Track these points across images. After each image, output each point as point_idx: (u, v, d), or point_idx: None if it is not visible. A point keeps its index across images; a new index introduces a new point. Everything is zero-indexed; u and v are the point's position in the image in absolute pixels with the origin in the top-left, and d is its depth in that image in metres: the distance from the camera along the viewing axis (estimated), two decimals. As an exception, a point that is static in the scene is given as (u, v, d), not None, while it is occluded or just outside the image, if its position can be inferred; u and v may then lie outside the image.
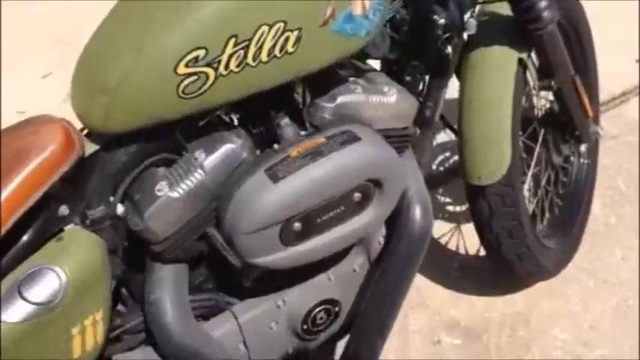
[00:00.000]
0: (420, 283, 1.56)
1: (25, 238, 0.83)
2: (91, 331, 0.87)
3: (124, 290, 1.00)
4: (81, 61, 0.86)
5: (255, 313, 1.04)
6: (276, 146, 0.92)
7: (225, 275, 1.04)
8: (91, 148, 0.86)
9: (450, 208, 1.72)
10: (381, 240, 1.12)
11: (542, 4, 1.14)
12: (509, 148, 1.21)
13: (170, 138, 0.89)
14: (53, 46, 2.20)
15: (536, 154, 1.41)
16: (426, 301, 1.54)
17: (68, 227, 0.86)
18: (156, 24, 0.80)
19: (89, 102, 0.84)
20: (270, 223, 0.88)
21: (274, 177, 0.87)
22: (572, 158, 1.56)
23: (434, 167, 1.77)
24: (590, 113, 1.39)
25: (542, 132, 1.42)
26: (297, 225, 0.91)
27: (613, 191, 1.77)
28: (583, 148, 1.47)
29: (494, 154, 1.21)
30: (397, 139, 1.04)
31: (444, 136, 1.68)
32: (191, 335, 0.96)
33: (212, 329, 1.01)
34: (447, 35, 1.05)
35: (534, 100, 1.42)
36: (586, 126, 1.42)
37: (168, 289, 0.95)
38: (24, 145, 0.82)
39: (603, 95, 1.76)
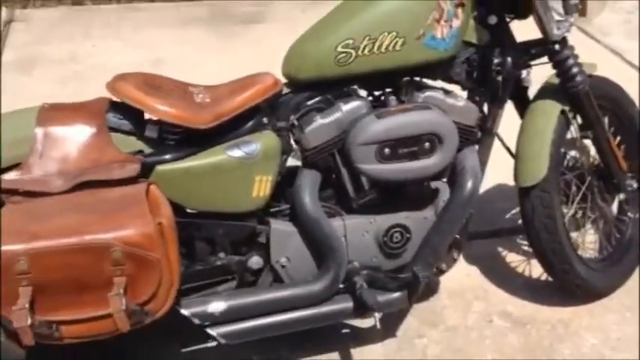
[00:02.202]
0: (488, 286, 2.07)
1: (243, 126, 1.57)
2: (264, 184, 1.56)
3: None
4: (295, 42, 1.62)
5: (356, 222, 1.67)
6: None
7: (342, 195, 1.69)
8: (286, 89, 1.62)
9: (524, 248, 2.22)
10: (445, 202, 1.73)
11: (575, 70, 1.76)
12: (546, 163, 1.76)
13: (327, 90, 1.62)
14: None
15: (581, 192, 1.93)
16: (489, 296, 2.03)
17: (265, 130, 1.59)
18: (335, 22, 1.57)
19: (290, 62, 1.60)
20: (371, 142, 1.55)
21: (379, 116, 1.56)
22: (629, 214, 2.05)
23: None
24: (624, 165, 1.91)
25: (588, 178, 1.95)
26: (387, 150, 1.57)
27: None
28: (622, 196, 1.97)
29: (535, 165, 1.77)
30: (464, 133, 1.68)
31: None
32: (316, 210, 1.61)
33: (327, 221, 1.66)
34: (501, 75, 1.70)
35: (584, 153, 1.96)
36: (622, 177, 1.94)
37: (307, 181, 1.62)
38: (254, 79, 1.59)
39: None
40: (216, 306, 1.56)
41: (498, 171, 1.96)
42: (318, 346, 1.83)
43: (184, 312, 1.54)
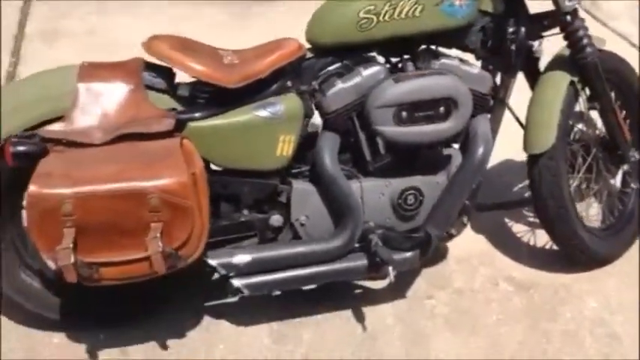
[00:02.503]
0: (494, 253, 2.17)
1: (268, 88, 1.66)
2: (287, 144, 1.66)
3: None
4: (319, 8, 1.70)
5: (372, 184, 1.77)
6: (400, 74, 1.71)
7: (359, 158, 1.78)
8: (309, 54, 1.71)
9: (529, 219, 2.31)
10: (457, 167, 1.82)
11: (585, 41, 1.84)
12: (555, 132, 1.84)
13: (348, 56, 1.71)
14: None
15: (587, 162, 2.03)
16: (495, 263, 2.13)
17: (290, 93, 1.68)
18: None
19: (314, 28, 1.69)
20: (389, 104, 1.65)
21: (397, 80, 1.65)
22: (632, 185, 2.14)
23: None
24: (629, 137, 2.01)
25: (594, 149, 2.04)
26: (404, 113, 1.66)
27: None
28: (625, 167, 2.06)
29: (543, 134, 1.86)
30: (478, 100, 1.77)
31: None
32: (335, 171, 1.70)
33: (345, 182, 1.75)
34: (514, 44, 1.79)
35: (591, 126, 2.05)
36: (627, 148, 2.03)
37: (328, 144, 1.72)
38: (280, 44, 1.67)
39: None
40: (241, 258, 1.67)
41: (507, 146, 2.06)
42: (333, 305, 1.92)
43: (212, 262, 1.64)
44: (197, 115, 1.58)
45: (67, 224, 1.38)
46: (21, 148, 1.44)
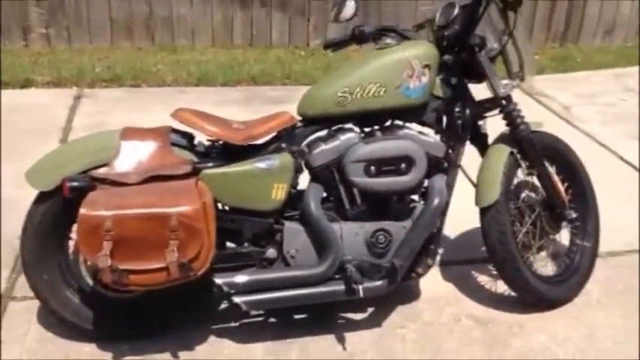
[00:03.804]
0: (459, 295, 2.54)
1: (266, 148, 2.14)
2: (280, 190, 2.11)
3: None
4: (308, 90, 2.22)
5: (349, 226, 2.20)
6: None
7: (339, 206, 2.23)
8: (299, 124, 2.20)
9: (491, 272, 2.68)
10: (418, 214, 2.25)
11: (518, 120, 2.32)
12: (498, 190, 2.27)
13: (329, 125, 2.20)
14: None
15: (532, 218, 2.44)
16: (459, 303, 2.48)
17: (283, 152, 2.16)
18: (336, 76, 2.16)
19: (303, 104, 2.19)
20: (360, 159, 2.11)
21: (367, 142, 2.14)
22: (577, 241, 2.54)
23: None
24: (565, 199, 2.44)
25: (537, 209, 2.46)
26: (372, 167, 2.12)
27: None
28: (563, 224, 2.48)
29: (489, 191, 2.28)
30: (434, 162, 2.23)
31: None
32: (319, 214, 2.14)
33: (327, 224, 2.19)
34: (461, 121, 2.27)
35: (535, 191, 2.48)
36: (564, 208, 2.45)
37: (313, 192, 2.17)
38: (277, 115, 2.17)
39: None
40: (241, 278, 2.08)
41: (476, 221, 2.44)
42: (318, 329, 2.29)
43: (218, 281, 2.06)
44: (210, 164, 2.06)
45: (106, 238, 1.82)
46: (75, 184, 1.92)
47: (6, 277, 2.51)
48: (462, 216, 2.51)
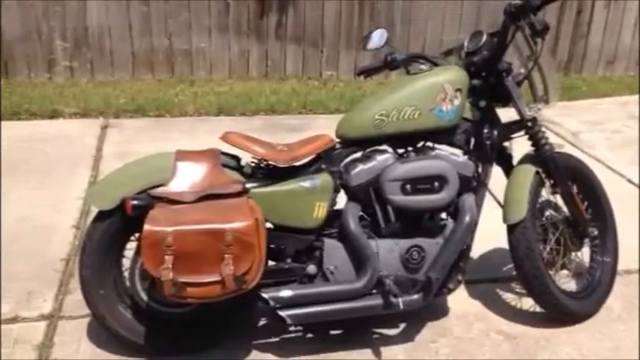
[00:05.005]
0: (487, 312, 2.65)
1: (308, 168, 2.28)
2: (321, 208, 2.24)
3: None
4: (346, 114, 2.38)
5: (385, 243, 2.33)
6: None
7: (375, 225, 2.36)
8: (338, 145, 2.34)
9: (517, 290, 2.80)
10: (450, 232, 2.38)
11: (543, 141, 2.47)
12: (525, 207, 2.41)
13: (365, 147, 2.35)
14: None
15: (556, 236, 2.57)
16: (488, 319, 2.60)
17: (324, 172, 2.29)
18: (374, 99, 2.32)
19: (342, 126, 2.34)
20: (397, 179, 2.25)
21: (402, 163, 2.28)
22: (597, 257, 2.67)
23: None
24: (587, 217, 2.57)
25: (561, 227, 2.59)
26: (408, 186, 2.26)
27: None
28: (585, 241, 2.61)
29: (517, 208, 2.42)
30: (464, 181, 2.37)
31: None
32: (357, 231, 2.27)
33: (365, 241, 2.32)
34: (489, 142, 2.42)
35: (558, 210, 2.62)
36: (586, 225, 2.59)
37: (351, 210, 2.30)
38: (317, 137, 2.31)
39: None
40: (286, 292, 2.20)
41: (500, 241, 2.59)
42: (353, 345, 2.40)
43: (264, 295, 2.18)
44: (257, 184, 2.19)
45: (167, 252, 1.95)
46: (136, 202, 2.06)
47: (52, 297, 2.62)
48: (483, 236, 2.60)
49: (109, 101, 4.85)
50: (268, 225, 2.23)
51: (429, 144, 2.41)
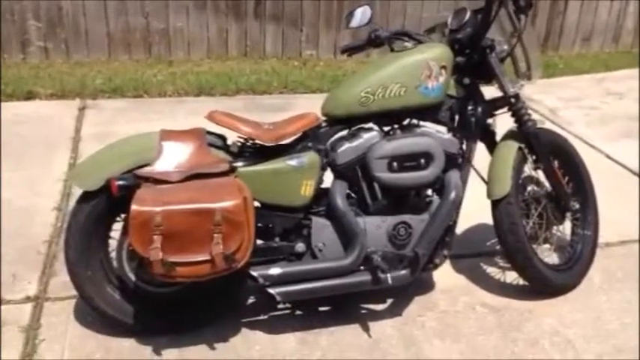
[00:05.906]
0: (472, 286, 2.69)
1: (294, 147, 2.27)
2: (308, 187, 2.24)
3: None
4: (331, 91, 2.37)
5: (372, 220, 2.34)
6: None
7: (362, 202, 2.37)
8: (324, 124, 2.34)
9: (500, 264, 2.84)
10: (436, 208, 2.40)
11: (526, 117, 2.49)
12: (509, 183, 2.44)
13: (352, 125, 2.35)
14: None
15: (538, 210, 2.61)
16: (472, 292, 2.64)
17: (310, 150, 2.29)
18: (359, 76, 2.31)
19: (327, 104, 2.33)
20: (384, 156, 2.26)
21: (389, 140, 2.28)
22: (579, 231, 2.71)
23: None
24: (569, 191, 2.61)
25: (543, 202, 2.63)
26: (395, 163, 2.27)
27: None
28: (567, 215, 2.65)
29: (500, 184, 2.45)
30: (449, 158, 2.38)
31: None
32: (345, 208, 2.28)
33: (352, 217, 2.33)
34: (474, 119, 2.44)
35: (540, 185, 2.65)
36: (567, 199, 2.62)
37: (338, 188, 2.31)
38: (303, 116, 2.30)
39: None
40: (275, 270, 2.21)
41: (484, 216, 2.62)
42: (344, 319, 2.42)
43: (253, 273, 2.18)
44: (244, 163, 2.18)
45: (156, 232, 1.94)
46: (122, 182, 2.04)
47: (37, 279, 2.59)
48: (468, 211, 2.61)
49: (85, 82, 4.77)
50: (256, 204, 2.23)
51: (415, 121, 2.42)
